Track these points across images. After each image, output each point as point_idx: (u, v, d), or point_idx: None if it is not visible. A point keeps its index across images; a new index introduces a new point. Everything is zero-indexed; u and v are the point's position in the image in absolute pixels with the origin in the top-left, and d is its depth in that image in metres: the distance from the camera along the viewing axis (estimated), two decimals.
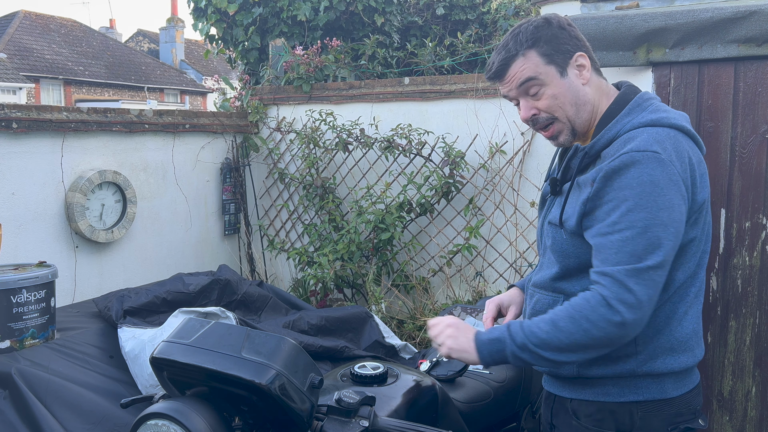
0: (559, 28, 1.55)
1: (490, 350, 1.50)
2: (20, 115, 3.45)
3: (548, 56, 1.53)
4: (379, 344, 3.18)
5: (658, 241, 1.39)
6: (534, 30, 1.54)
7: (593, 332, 1.40)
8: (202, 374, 1.44)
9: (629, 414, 1.52)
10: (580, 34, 1.58)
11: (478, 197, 4.07)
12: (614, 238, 1.41)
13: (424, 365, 2.08)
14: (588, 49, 1.58)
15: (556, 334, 1.43)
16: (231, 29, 5.45)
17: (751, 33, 2.28)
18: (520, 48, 1.54)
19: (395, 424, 1.51)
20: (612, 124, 1.51)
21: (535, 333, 1.45)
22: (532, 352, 1.45)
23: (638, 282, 1.39)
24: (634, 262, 1.39)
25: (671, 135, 1.46)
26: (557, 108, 1.56)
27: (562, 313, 1.44)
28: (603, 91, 1.59)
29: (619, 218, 1.41)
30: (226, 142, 4.75)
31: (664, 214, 1.40)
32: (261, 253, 4.94)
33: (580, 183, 1.51)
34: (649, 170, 1.40)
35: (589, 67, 1.56)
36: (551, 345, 1.43)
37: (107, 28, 31.41)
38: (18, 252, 3.44)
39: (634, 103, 1.54)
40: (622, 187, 1.41)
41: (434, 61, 5.27)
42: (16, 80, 20.65)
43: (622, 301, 1.39)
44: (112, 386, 2.55)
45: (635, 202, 1.40)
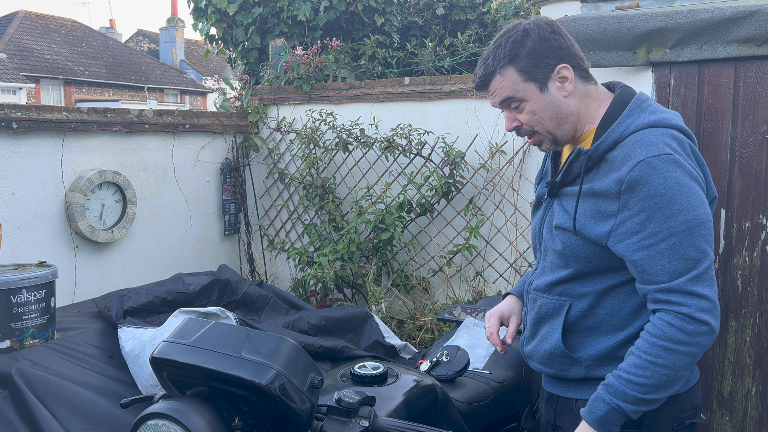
0: (539, 41, 1.52)
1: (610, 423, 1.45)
2: (20, 115, 3.45)
3: (526, 72, 1.52)
4: (379, 344, 3.18)
5: (703, 239, 1.41)
6: (512, 46, 1.52)
7: (692, 351, 1.41)
8: (202, 374, 1.44)
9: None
10: (566, 41, 1.54)
11: (478, 197, 4.07)
12: (661, 247, 1.41)
13: (424, 365, 2.08)
14: (574, 56, 1.54)
15: (661, 372, 1.41)
16: (231, 29, 5.45)
17: (751, 33, 2.28)
18: (498, 65, 1.54)
19: (395, 424, 1.51)
20: (614, 126, 1.50)
21: (642, 383, 1.42)
22: (647, 400, 1.43)
23: (704, 285, 1.40)
24: (691, 267, 1.40)
25: (675, 135, 1.47)
26: (536, 122, 1.56)
27: (654, 350, 1.42)
28: (591, 96, 1.58)
29: (658, 227, 1.41)
30: (226, 142, 4.75)
31: (701, 211, 1.41)
32: (261, 253, 4.94)
33: (596, 192, 1.49)
34: (671, 173, 1.41)
35: (572, 79, 1.53)
36: (662, 385, 1.42)
37: (107, 28, 31.42)
38: (18, 252, 3.44)
39: (633, 104, 1.53)
40: (651, 195, 1.41)
41: (434, 61, 5.27)
42: (16, 80, 20.66)
43: (703, 310, 1.39)
44: (112, 386, 2.55)
45: (670, 208, 1.40)
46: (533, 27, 1.53)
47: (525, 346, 1.73)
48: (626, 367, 1.44)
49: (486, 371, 2.18)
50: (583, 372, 1.58)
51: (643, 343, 1.44)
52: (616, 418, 1.44)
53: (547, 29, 1.53)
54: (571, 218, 1.53)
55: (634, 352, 1.45)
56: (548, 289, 1.62)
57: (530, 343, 1.70)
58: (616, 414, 1.44)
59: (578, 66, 1.55)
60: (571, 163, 1.55)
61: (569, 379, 1.61)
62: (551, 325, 1.62)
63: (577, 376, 1.59)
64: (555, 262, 1.61)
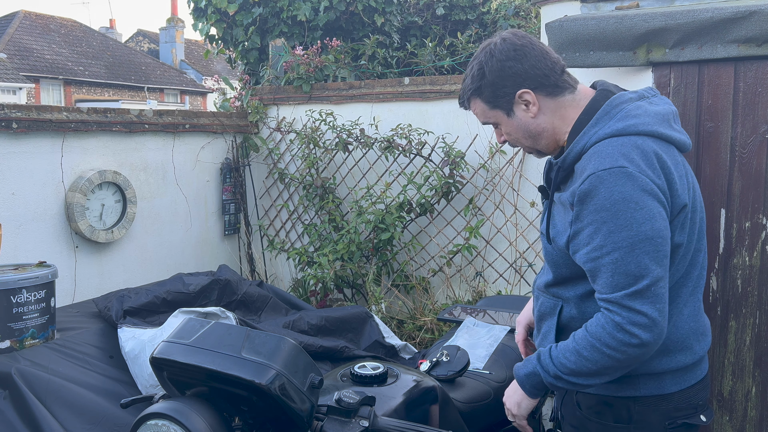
0: (496, 72, 1.55)
1: (531, 384, 1.60)
2: (20, 115, 3.45)
3: (491, 102, 1.59)
4: (379, 344, 3.18)
5: (647, 256, 1.41)
6: (472, 80, 1.59)
7: (617, 356, 1.44)
8: (202, 374, 1.44)
9: (627, 407, 1.57)
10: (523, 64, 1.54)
11: (478, 197, 4.07)
12: (605, 261, 1.43)
13: (424, 365, 2.08)
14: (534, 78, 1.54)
15: (584, 362, 1.48)
16: (231, 29, 5.45)
17: (751, 33, 2.27)
18: (465, 97, 1.63)
19: (395, 424, 1.51)
20: (579, 137, 1.52)
21: (564, 364, 1.51)
22: (567, 380, 1.52)
23: (643, 302, 1.41)
24: (632, 283, 1.41)
25: (638, 144, 1.45)
26: (515, 140, 1.64)
27: (584, 342, 1.48)
28: (566, 105, 1.58)
29: (603, 241, 1.42)
30: (226, 142, 4.75)
31: (646, 227, 1.40)
32: (261, 253, 4.94)
33: (562, 201, 1.54)
34: (618, 187, 1.40)
35: (534, 101, 1.56)
36: (582, 372, 1.49)
37: (107, 28, 31.42)
38: (18, 252, 3.44)
39: (602, 112, 1.52)
40: (598, 209, 1.42)
41: (434, 61, 5.27)
42: (16, 80, 20.66)
43: (636, 324, 1.41)
44: (112, 386, 2.55)
45: (614, 222, 1.41)
46: (487, 58, 1.56)
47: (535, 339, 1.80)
48: (561, 345, 1.53)
49: (486, 371, 2.18)
50: None
51: (580, 332, 1.50)
52: (536, 381, 1.58)
53: (502, 57, 1.55)
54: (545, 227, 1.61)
55: (572, 335, 1.52)
56: (545, 289, 1.68)
57: (537, 338, 1.77)
58: (537, 378, 1.57)
59: (541, 85, 1.55)
60: (548, 173, 1.63)
61: None
62: (549, 324, 1.67)
63: None
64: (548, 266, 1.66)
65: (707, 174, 2.40)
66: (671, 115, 1.57)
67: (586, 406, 1.62)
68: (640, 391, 1.55)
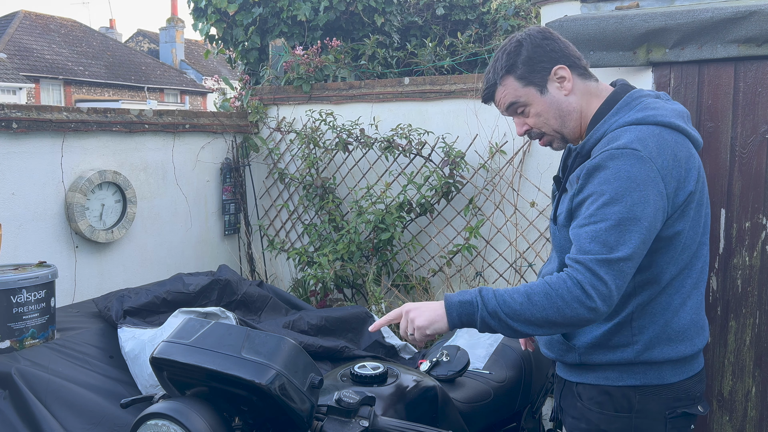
0: (533, 48, 1.61)
1: (460, 312, 1.53)
2: (20, 115, 3.45)
3: (525, 79, 1.62)
4: (379, 344, 3.18)
5: (628, 234, 1.44)
6: (507, 57, 1.63)
7: (565, 311, 1.44)
8: (202, 374, 1.44)
9: (627, 397, 1.59)
10: (559, 44, 1.63)
11: (478, 197, 4.08)
12: (589, 229, 1.47)
13: (424, 365, 2.08)
14: (569, 57, 1.63)
15: (529, 307, 1.46)
16: (231, 29, 5.45)
17: (751, 33, 2.28)
18: (497, 76, 1.65)
19: (395, 424, 1.51)
20: (600, 124, 1.58)
21: (508, 303, 1.48)
22: (502, 320, 1.49)
23: (608, 272, 1.43)
24: (605, 252, 1.44)
25: (655, 132, 1.51)
26: (543, 123, 1.66)
27: (538, 289, 1.47)
28: (592, 93, 1.65)
29: (595, 210, 1.47)
30: (226, 142, 4.76)
31: (638, 209, 1.44)
32: (261, 253, 4.94)
33: (571, 180, 1.58)
34: (627, 166, 1.46)
35: (570, 78, 1.62)
36: (522, 317, 1.47)
37: (107, 28, 31.43)
38: (18, 252, 3.45)
39: (622, 103, 1.59)
40: (601, 182, 1.47)
41: (434, 61, 5.27)
42: (16, 80, 20.66)
43: (595, 288, 1.43)
44: (112, 386, 2.55)
45: (611, 195, 1.45)
46: (525, 37, 1.63)
47: None
48: (511, 288, 1.52)
49: (486, 371, 2.18)
50: (578, 358, 1.64)
51: (538, 281, 1.51)
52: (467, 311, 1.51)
53: (539, 36, 1.63)
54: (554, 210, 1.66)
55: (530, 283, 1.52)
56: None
57: None
58: (470, 309, 1.51)
59: (575, 65, 1.63)
60: (566, 160, 1.66)
61: (569, 364, 1.69)
62: None
63: (573, 362, 1.66)
64: (555, 252, 1.70)
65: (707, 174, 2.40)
66: (686, 114, 1.63)
67: (587, 397, 1.64)
68: (640, 380, 1.58)
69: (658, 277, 1.56)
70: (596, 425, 1.62)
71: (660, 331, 1.57)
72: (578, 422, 1.66)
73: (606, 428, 1.60)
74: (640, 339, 1.57)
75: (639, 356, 1.57)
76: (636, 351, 1.57)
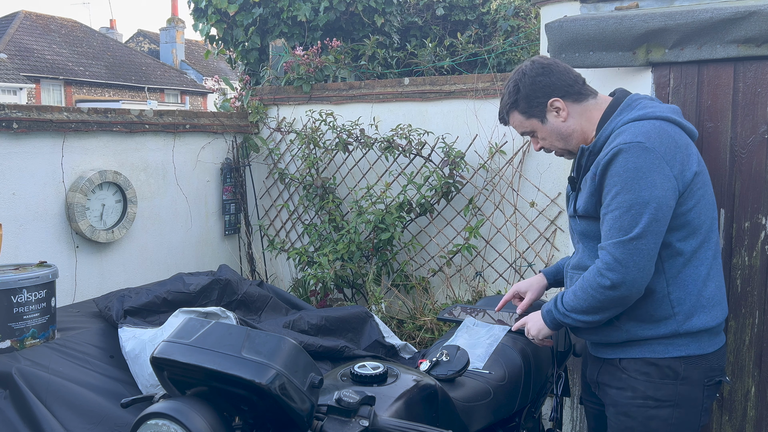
0: (530, 86, 1.90)
1: (551, 319, 1.94)
2: (21, 115, 3.45)
3: (527, 113, 1.94)
4: (379, 344, 3.18)
5: (639, 215, 1.71)
6: (508, 96, 1.95)
7: (596, 296, 1.77)
8: (202, 374, 1.45)
9: (673, 367, 1.82)
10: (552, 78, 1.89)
11: (477, 197, 4.08)
12: (608, 217, 1.76)
13: (424, 365, 2.08)
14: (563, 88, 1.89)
15: (577, 301, 1.82)
16: (231, 30, 5.45)
17: (751, 33, 2.28)
18: (505, 110, 1.99)
19: (395, 423, 1.51)
20: (607, 124, 1.84)
21: (567, 302, 1.86)
22: (569, 316, 1.86)
23: (623, 251, 1.72)
24: (620, 235, 1.73)
25: (656, 125, 1.76)
26: (550, 145, 1.99)
27: (579, 284, 1.82)
28: (590, 109, 1.92)
29: (610, 200, 1.75)
30: (227, 143, 4.76)
31: (646, 193, 1.70)
32: (261, 253, 4.94)
33: (587, 178, 1.84)
34: (633, 158, 1.72)
35: (564, 107, 1.90)
36: (578, 309, 1.83)
37: (108, 29, 31.43)
38: (18, 252, 3.45)
39: (624, 104, 1.86)
40: (612, 174, 1.75)
41: (434, 62, 5.27)
42: (16, 80, 20.66)
43: (608, 268, 1.74)
44: (112, 386, 2.55)
45: (621, 186, 1.73)
46: (521, 77, 1.92)
47: None
48: (568, 290, 1.88)
49: (486, 371, 2.18)
50: (626, 335, 1.85)
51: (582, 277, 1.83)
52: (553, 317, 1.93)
53: (533, 73, 1.90)
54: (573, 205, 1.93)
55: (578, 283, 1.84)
56: (580, 267, 1.93)
57: None
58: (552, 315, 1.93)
59: (568, 93, 1.90)
60: (579, 159, 1.89)
61: (614, 343, 1.89)
62: None
63: (620, 340, 1.87)
64: (583, 244, 1.92)
65: None
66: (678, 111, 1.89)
67: (633, 369, 1.86)
68: (684, 351, 1.81)
69: (680, 252, 1.79)
70: (642, 392, 1.84)
71: (695, 301, 1.80)
72: (623, 392, 1.88)
73: (652, 394, 1.83)
74: (680, 310, 1.80)
75: (680, 327, 1.79)
76: (677, 322, 1.80)
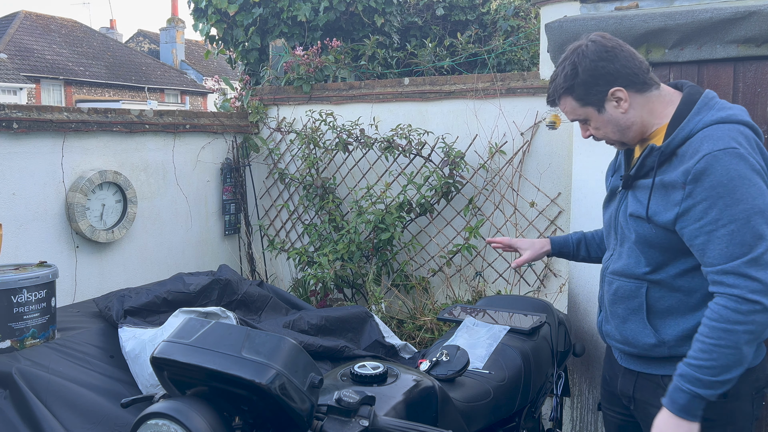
0: (590, 71, 1.68)
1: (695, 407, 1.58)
2: (21, 115, 3.45)
3: (582, 100, 1.73)
4: (379, 344, 3.18)
5: (760, 227, 1.54)
6: (564, 79, 1.73)
7: (751, 328, 1.54)
8: (202, 374, 1.45)
9: None
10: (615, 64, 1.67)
11: (477, 197, 4.08)
12: (720, 233, 1.55)
13: (424, 365, 2.09)
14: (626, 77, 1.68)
15: (727, 353, 1.55)
16: (231, 30, 5.45)
17: (751, 33, 2.28)
18: (557, 94, 1.77)
19: (395, 423, 1.51)
20: (684, 124, 1.66)
21: (711, 366, 1.56)
22: (722, 381, 1.56)
23: (758, 269, 1.53)
24: (747, 252, 1.53)
25: (741, 130, 1.62)
26: (603, 135, 1.78)
27: (715, 333, 1.56)
28: (653, 101, 1.73)
29: (719, 214, 1.55)
30: (227, 143, 4.76)
31: (759, 201, 1.55)
32: (261, 253, 4.94)
33: (665, 183, 1.65)
34: (733, 165, 1.55)
35: (626, 98, 1.70)
36: (730, 365, 1.56)
37: (108, 29, 31.42)
38: (18, 252, 3.45)
39: (701, 103, 1.68)
40: (714, 185, 1.56)
41: (434, 62, 5.28)
42: (16, 80, 20.66)
43: (754, 291, 1.52)
44: (112, 386, 2.55)
45: (731, 197, 1.54)
46: (582, 59, 1.70)
47: (603, 326, 1.91)
48: (694, 353, 1.58)
49: (486, 371, 2.18)
50: (668, 351, 1.72)
51: (704, 328, 1.58)
52: (697, 403, 1.58)
53: (595, 56, 1.69)
54: (644, 207, 1.70)
55: (698, 338, 1.58)
56: (626, 274, 1.78)
57: (609, 323, 1.87)
58: (697, 400, 1.57)
59: (631, 83, 1.70)
60: (645, 159, 1.71)
61: (653, 357, 1.76)
62: (629, 308, 1.78)
63: (661, 355, 1.74)
64: (631, 249, 1.76)
65: None
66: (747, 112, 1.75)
67: None
68: None
69: None
70: None
71: None
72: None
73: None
74: None
75: None
76: None
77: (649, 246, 1.71)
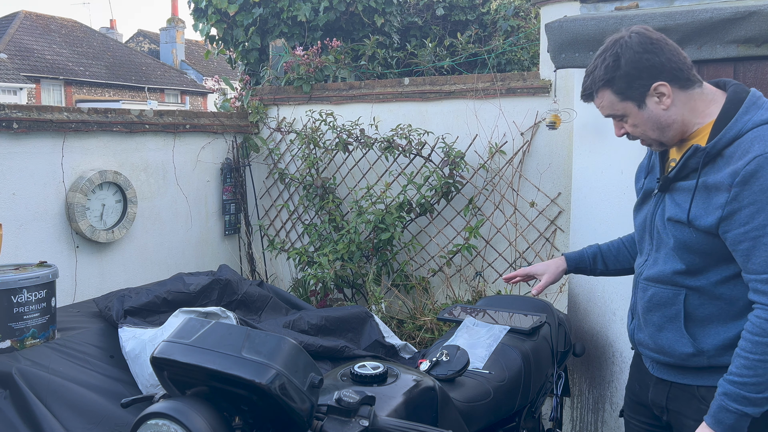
0: (632, 64, 1.58)
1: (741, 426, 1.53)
2: (21, 115, 3.45)
3: (623, 94, 1.62)
4: (379, 344, 3.18)
5: None
6: (605, 71, 1.62)
7: None
8: (202, 374, 1.45)
9: None
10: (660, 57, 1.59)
11: (477, 197, 4.08)
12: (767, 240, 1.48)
13: (424, 365, 2.09)
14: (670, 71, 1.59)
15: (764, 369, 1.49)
16: (231, 30, 5.46)
17: (751, 33, 2.28)
18: (595, 87, 1.65)
19: (395, 423, 1.51)
20: (732, 124, 1.56)
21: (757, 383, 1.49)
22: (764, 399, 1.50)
23: None
24: None
25: None
26: (641, 133, 1.67)
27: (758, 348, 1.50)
28: (696, 99, 1.63)
29: (767, 220, 1.47)
30: (227, 143, 4.76)
31: None
32: (261, 253, 4.94)
33: (708, 185, 1.56)
34: None
35: (669, 94, 1.60)
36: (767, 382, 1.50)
37: (108, 29, 31.43)
38: (19, 252, 3.45)
39: (749, 102, 1.59)
40: (764, 189, 1.47)
41: (434, 62, 5.28)
42: (16, 80, 20.66)
43: None
44: (112, 386, 2.55)
45: None
46: (625, 50, 1.59)
47: (636, 334, 1.81)
48: (737, 370, 1.51)
49: (486, 371, 2.18)
50: (706, 361, 1.64)
51: (746, 343, 1.51)
52: (744, 422, 1.52)
53: (640, 48, 1.59)
54: (684, 211, 1.60)
55: (739, 354, 1.51)
56: (663, 280, 1.69)
57: (642, 331, 1.78)
58: (744, 419, 1.51)
59: (676, 78, 1.60)
60: (688, 159, 1.62)
61: (690, 367, 1.67)
62: (665, 315, 1.69)
63: (699, 365, 1.65)
64: (669, 255, 1.67)
65: None
66: None
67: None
68: None
69: None
70: None
71: None
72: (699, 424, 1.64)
73: None
74: None
75: None
76: None
77: (689, 251, 1.62)
